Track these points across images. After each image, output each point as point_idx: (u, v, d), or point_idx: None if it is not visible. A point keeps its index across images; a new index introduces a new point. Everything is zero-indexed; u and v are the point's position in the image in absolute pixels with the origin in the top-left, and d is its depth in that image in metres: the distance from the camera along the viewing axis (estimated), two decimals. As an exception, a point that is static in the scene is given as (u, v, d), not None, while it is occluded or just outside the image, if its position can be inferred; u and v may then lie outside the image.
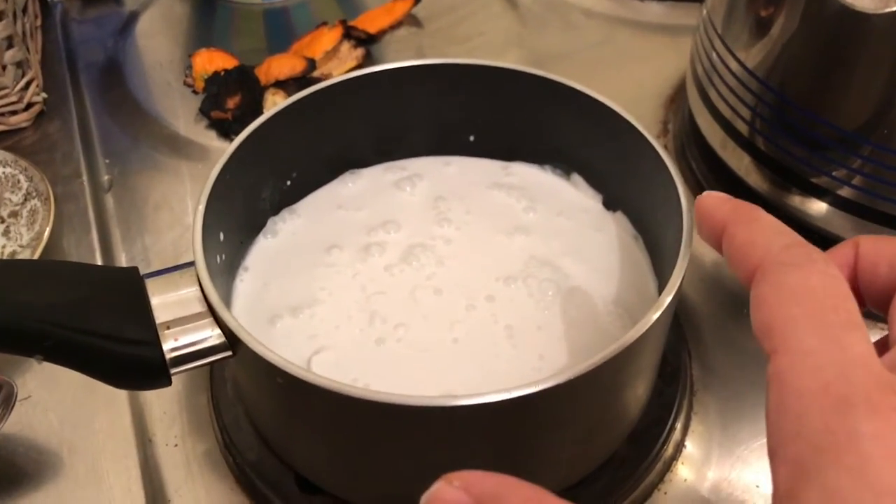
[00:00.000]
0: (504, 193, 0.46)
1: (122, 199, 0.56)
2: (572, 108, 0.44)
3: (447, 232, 0.44)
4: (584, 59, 0.66)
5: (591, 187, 0.46)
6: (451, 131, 0.48)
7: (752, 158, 0.49)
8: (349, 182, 0.47)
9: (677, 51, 0.65)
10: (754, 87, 0.48)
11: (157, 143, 0.60)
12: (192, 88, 0.63)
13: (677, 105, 0.61)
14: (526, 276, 0.42)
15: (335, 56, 0.63)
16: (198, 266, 0.34)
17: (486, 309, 0.40)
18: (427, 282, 0.42)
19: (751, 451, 0.43)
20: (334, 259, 0.43)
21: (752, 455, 0.42)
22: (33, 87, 0.61)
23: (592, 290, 0.41)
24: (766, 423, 0.20)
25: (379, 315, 0.40)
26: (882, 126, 0.43)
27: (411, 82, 0.45)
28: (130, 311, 0.33)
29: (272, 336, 0.39)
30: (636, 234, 0.43)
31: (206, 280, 0.34)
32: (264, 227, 0.44)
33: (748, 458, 0.42)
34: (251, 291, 0.42)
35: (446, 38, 0.68)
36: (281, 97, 0.59)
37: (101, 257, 0.52)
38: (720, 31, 0.50)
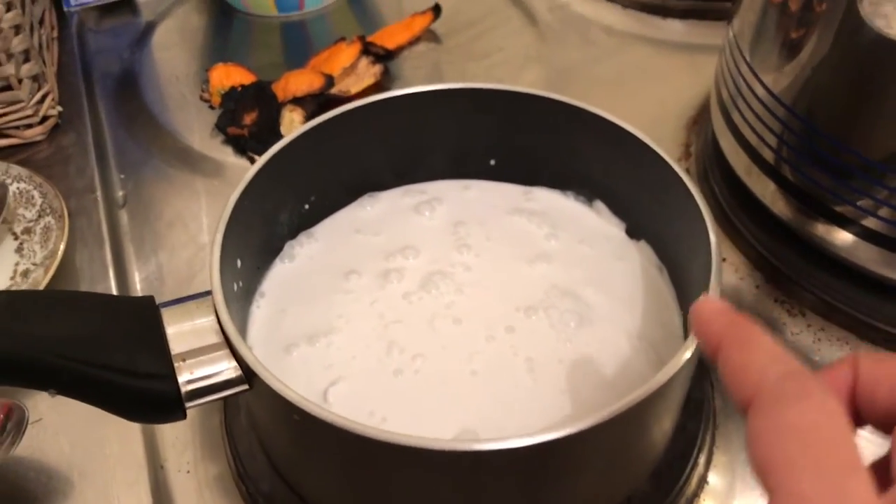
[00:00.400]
0: (525, 219, 0.45)
1: (136, 216, 0.56)
2: (595, 133, 0.43)
3: (467, 258, 0.43)
4: (604, 78, 0.65)
5: (614, 215, 0.45)
6: (472, 155, 0.47)
7: (777, 186, 0.48)
8: (367, 205, 0.46)
9: (699, 70, 0.65)
10: (781, 114, 0.47)
11: (171, 158, 0.60)
12: (208, 103, 0.62)
13: (700, 127, 0.60)
14: (547, 306, 0.41)
15: (353, 72, 0.63)
16: (215, 297, 0.34)
17: (506, 340, 0.39)
18: (446, 310, 0.41)
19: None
20: (352, 285, 0.42)
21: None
22: (49, 101, 0.60)
23: (616, 323, 0.40)
24: None
25: (397, 345, 0.39)
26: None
27: (431, 106, 0.44)
28: (146, 344, 0.33)
29: (288, 365, 0.39)
30: (660, 265, 0.42)
31: (223, 312, 0.33)
32: (281, 252, 0.44)
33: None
34: (267, 318, 0.41)
35: (465, 55, 0.67)
36: (298, 114, 0.59)
37: (115, 275, 0.51)
38: (747, 54, 0.49)
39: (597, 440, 0.31)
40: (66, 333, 0.31)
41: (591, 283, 0.42)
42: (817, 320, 0.48)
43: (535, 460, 0.31)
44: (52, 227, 0.51)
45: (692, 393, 0.43)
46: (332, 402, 0.37)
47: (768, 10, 0.47)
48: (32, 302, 0.32)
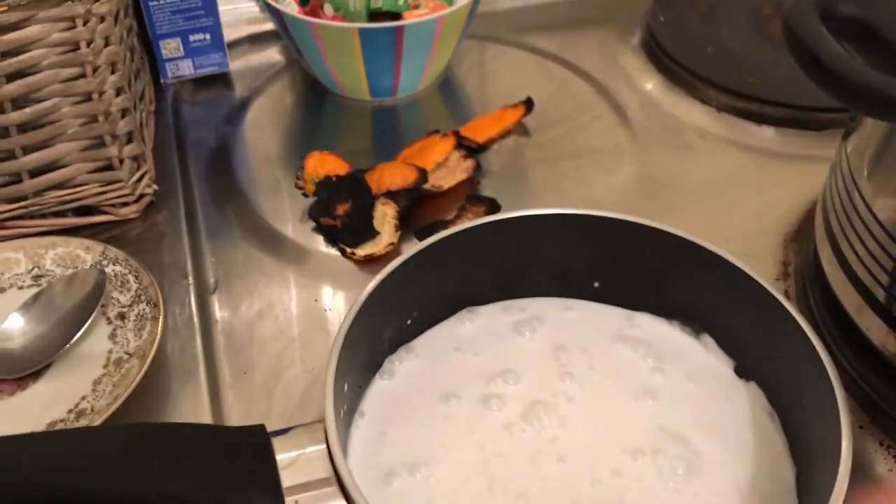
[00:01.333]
0: (629, 349, 0.44)
1: (227, 303, 0.56)
2: (703, 265, 0.42)
3: (569, 388, 0.42)
4: (697, 184, 0.64)
5: (722, 350, 0.44)
6: (574, 275, 0.46)
7: (889, 327, 0.47)
8: (467, 321, 0.46)
9: (796, 183, 0.63)
10: (890, 248, 0.45)
11: (262, 244, 0.60)
12: (302, 191, 0.63)
13: (799, 245, 0.59)
14: (654, 449, 0.39)
15: (445, 166, 0.63)
16: (329, 436, 0.34)
17: (613, 485, 0.38)
18: (549, 446, 0.40)
19: None
20: (452, 410, 0.41)
21: None
22: (146, 180, 0.61)
23: (726, 473, 0.39)
24: None
25: (498, 482, 0.38)
26: None
27: (534, 228, 0.44)
28: (262, 484, 0.32)
29: (388, 497, 0.38)
30: (772, 412, 0.41)
31: (337, 453, 0.33)
32: (381, 368, 0.43)
33: None
34: (367, 440, 0.40)
35: (556, 152, 0.67)
36: (391, 208, 0.58)
37: (205, 368, 0.51)
38: (861, 183, 0.48)
39: None
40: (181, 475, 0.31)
41: (699, 425, 0.41)
42: (925, 470, 0.46)
43: None
44: (147, 315, 0.51)
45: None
46: (434, 543, 0.36)
47: (890, 136, 0.45)
48: (156, 440, 0.31)
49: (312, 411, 0.48)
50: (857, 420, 0.49)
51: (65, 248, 0.55)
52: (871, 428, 0.48)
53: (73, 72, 0.53)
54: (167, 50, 0.72)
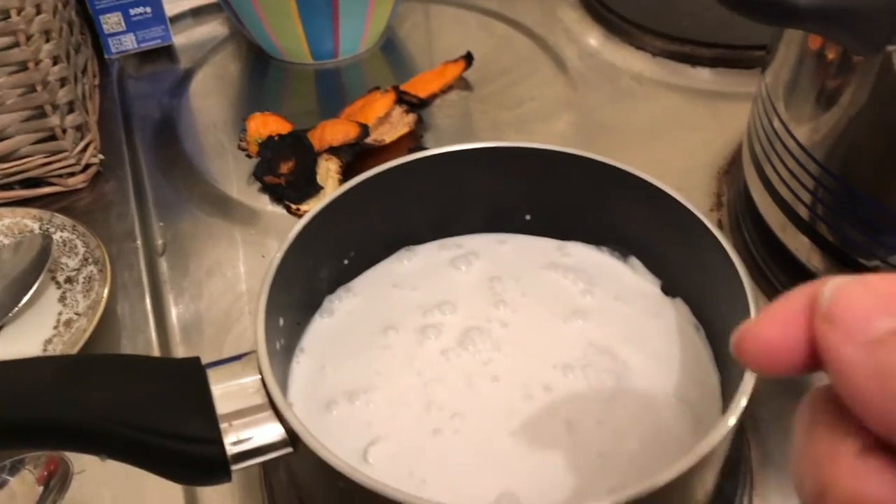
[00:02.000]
0: (560, 275, 0.46)
1: (176, 264, 0.57)
2: (628, 191, 0.43)
3: (503, 314, 0.44)
4: (635, 127, 0.66)
5: (649, 271, 0.45)
6: (507, 210, 0.47)
7: (812, 242, 0.49)
8: (404, 259, 0.47)
9: (730, 119, 0.65)
10: (814, 171, 0.47)
11: (209, 206, 0.61)
12: (245, 152, 0.63)
13: (731, 177, 0.60)
14: (584, 364, 0.41)
15: (387, 121, 0.64)
16: (260, 360, 0.34)
17: (545, 399, 0.40)
18: (484, 368, 0.41)
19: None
20: (390, 341, 0.43)
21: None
22: (91, 149, 0.62)
23: (653, 383, 0.40)
24: None
25: (435, 403, 0.40)
26: (951, 218, 0.42)
27: (467, 164, 0.45)
28: (193, 407, 0.33)
29: (328, 424, 0.39)
30: (697, 324, 0.43)
31: (268, 375, 0.34)
32: (321, 307, 0.44)
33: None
34: (307, 374, 0.42)
35: (496, 103, 0.68)
36: (334, 163, 0.59)
37: (155, 324, 0.52)
38: (780, 108, 0.50)
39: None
40: (116, 399, 0.31)
41: (627, 340, 0.42)
42: (854, 377, 0.48)
43: (578, 529, 0.31)
44: (95, 276, 0.52)
45: (729, 452, 0.43)
46: (373, 462, 0.37)
47: (804, 62, 0.47)
48: (85, 367, 0.32)
49: (261, 358, 0.49)
50: (788, 336, 0.51)
51: (12, 218, 0.56)
52: (801, 342, 0.50)
53: (5, 41, 0.53)
54: (108, 25, 0.73)
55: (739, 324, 0.36)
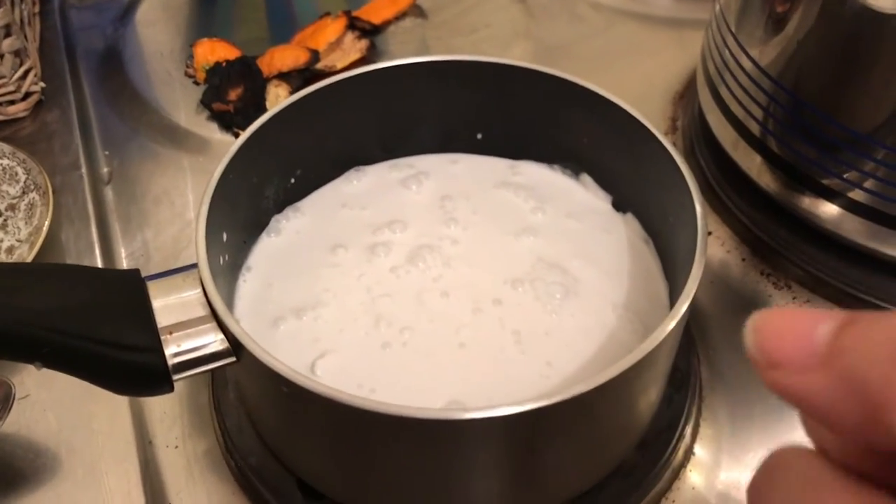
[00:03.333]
0: (511, 193, 0.45)
1: (122, 193, 0.55)
2: (582, 106, 0.43)
3: (454, 232, 0.43)
4: (591, 53, 0.65)
5: (600, 188, 0.45)
6: (459, 129, 0.47)
7: (763, 159, 0.49)
8: (354, 179, 0.46)
9: (686, 45, 0.65)
10: (767, 87, 0.47)
11: (157, 135, 0.59)
12: (193, 79, 0.62)
13: (686, 101, 0.60)
14: (533, 278, 0.41)
15: (339, 47, 0.62)
16: (201, 270, 0.34)
17: (493, 313, 0.39)
18: (433, 284, 0.41)
19: (760, 457, 0.42)
20: (339, 259, 0.42)
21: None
22: (31, 77, 0.59)
23: (602, 294, 0.40)
24: None
25: (384, 318, 0.39)
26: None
27: (417, 79, 0.44)
28: (132, 316, 0.32)
29: (275, 339, 0.39)
30: (647, 238, 0.43)
31: (209, 285, 0.33)
32: (268, 226, 0.43)
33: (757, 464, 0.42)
34: (254, 292, 0.41)
35: (452, 30, 0.67)
36: (284, 89, 0.58)
37: (101, 252, 0.51)
38: (733, 27, 0.49)
39: (583, 409, 0.31)
40: (51, 305, 0.31)
41: (577, 255, 0.42)
42: (803, 293, 0.48)
43: (522, 430, 0.31)
44: (37, 203, 0.50)
45: (678, 365, 0.43)
46: (320, 374, 0.37)
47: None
48: (17, 274, 0.31)
49: (210, 283, 0.48)
50: (740, 254, 0.51)
51: (-52, 146, 0.54)
52: (753, 260, 0.51)
53: (-67, -43, 0.51)
54: (47, -50, 0.70)
55: (688, 233, 0.36)
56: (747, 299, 0.49)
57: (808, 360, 0.17)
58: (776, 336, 0.17)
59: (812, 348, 0.17)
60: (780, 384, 0.17)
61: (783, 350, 0.17)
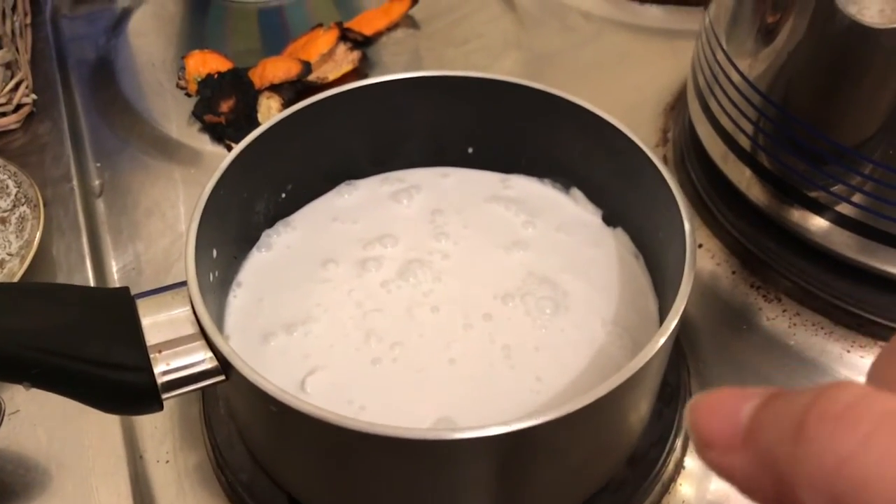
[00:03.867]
0: (502, 207, 0.45)
1: (114, 205, 0.55)
2: (572, 121, 0.43)
3: (445, 246, 0.43)
4: (583, 64, 0.65)
5: (590, 202, 0.45)
6: (450, 142, 0.47)
7: (753, 172, 0.49)
8: (345, 193, 0.46)
9: (677, 56, 0.65)
10: (756, 101, 0.47)
11: (148, 147, 0.59)
12: (185, 91, 0.62)
13: (677, 112, 0.60)
14: (524, 293, 0.41)
15: (331, 59, 0.62)
16: (190, 288, 0.34)
17: (484, 328, 0.39)
18: (424, 299, 0.41)
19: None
20: (330, 274, 0.42)
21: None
22: (22, 89, 0.59)
23: (592, 309, 0.40)
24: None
25: (375, 333, 0.39)
26: (885, 144, 0.42)
27: (409, 93, 0.44)
28: (121, 335, 0.32)
29: (265, 355, 0.39)
30: (637, 252, 0.43)
31: (198, 303, 0.33)
32: (258, 241, 0.43)
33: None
34: (244, 307, 0.41)
35: (444, 41, 0.67)
36: (276, 101, 0.58)
37: (92, 266, 0.51)
38: (723, 40, 0.49)
39: (573, 427, 0.31)
40: (39, 325, 0.31)
41: (567, 269, 0.42)
42: (793, 305, 0.48)
43: (512, 448, 0.31)
44: (28, 216, 0.50)
45: (668, 378, 0.43)
46: (311, 391, 0.37)
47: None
48: (5, 294, 0.31)
49: (201, 297, 0.48)
50: (730, 267, 0.51)
51: (-61, 159, 0.54)
52: (743, 272, 0.51)
53: (-77, -29, 0.51)
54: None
55: (677, 247, 0.37)
56: (737, 312, 0.49)
57: (732, 439, 0.17)
58: (708, 416, 0.18)
59: (735, 428, 0.17)
60: (712, 463, 0.18)
61: (712, 430, 0.18)
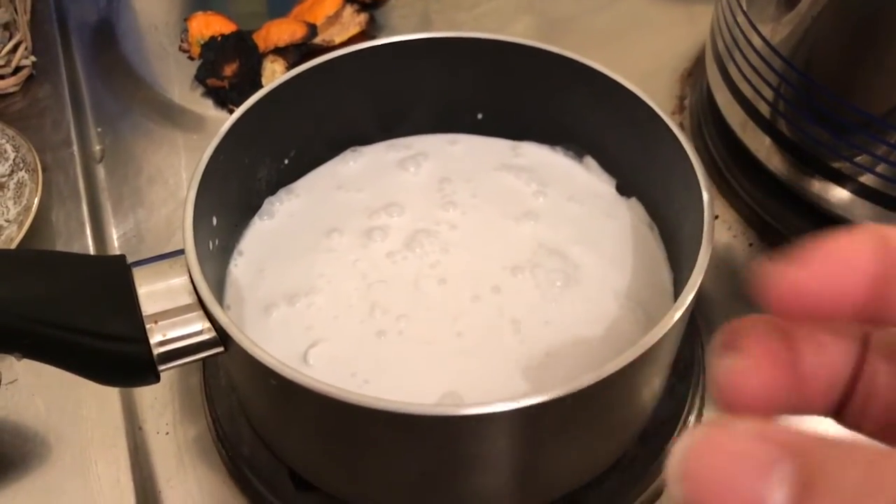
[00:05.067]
0: (513, 176, 0.44)
1: (115, 171, 0.54)
2: (586, 86, 0.41)
3: (452, 216, 0.42)
4: (597, 28, 0.63)
5: (604, 171, 0.44)
6: (459, 108, 0.45)
7: (773, 141, 0.47)
8: (350, 160, 0.45)
9: (694, 21, 0.63)
10: (778, 67, 0.45)
11: (150, 112, 0.58)
12: (187, 54, 0.60)
13: (694, 79, 0.58)
14: (534, 265, 0.39)
15: (337, 21, 0.60)
16: (188, 257, 0.32)
17: (492, 301, 0.38)
18: (431, 270, 0.40)
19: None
20: (334, 244, 0.41)
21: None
22: (21, 50, 0.58)
23: (604, 282, 0.39)
24: None
25: (380, 305, 0.38)
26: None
27: (417, 56, 0.42)
28: (116, 305, 0.31)
29: (267, 326, 0.38)
30: (651, 224, 0.41)
31: (196, 272, 0.32)
32: (260, 209, 0.42)
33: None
34: (245, 277, 0.40)
35: (453, 4, 0.65)
36: (280, 65, 0.57)
37: (92, 233, 0.50)
38: (744, 3, 0.47)
39: (584, 404, 0.30)
40: (30, 294, 0.29)
41: (579, 241, 0.41)
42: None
43: (521, 425, 0.30)
44: (26, 181, 0.49)
45: (681, 353, 0.42)
46: (313, 364, 0.36)
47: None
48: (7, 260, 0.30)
49: (203, 265, 0.47)
50: (746, 239, 0.50)
51: (-65, 122, 0.53)
52: (760, 245, 0.49)
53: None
54: (39, -81, 0.68)
55: (694, 217, 0.35)
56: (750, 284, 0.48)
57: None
58: (714, 495, 0.12)
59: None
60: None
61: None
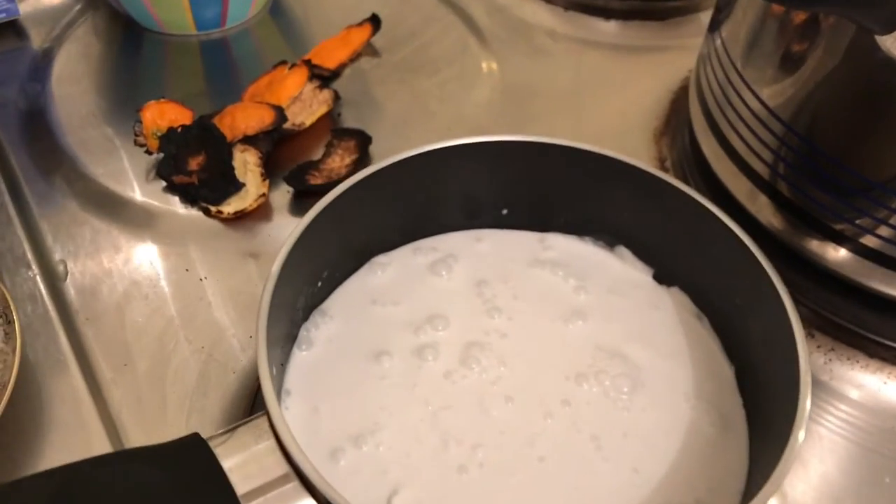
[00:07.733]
0: (549, 272, 0.43)
1: (84, 289, 0.49)
2: (623, 181, 0.41)
3: (500, 324, 0.40)
4: (559, 89, 0.63)
5: (638, 259, 0.43)
6: (484, 206, 0.44)
7: (768, 199, 0.48)
8: (378, 270, 0.42)
9: (652, 75, 0.64)
10: (777, 130, 0.46)
11: (109, 214, 0.52)
12: (144, 147, 0.55)
13: (670, 139, 0.59)
14: (596, 371, 0.39)
15: (299, 100, 0.57)
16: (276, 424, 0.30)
17: (565, 416, 0.37)
18: (494, 388, 0.38)
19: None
20: (385, 369, 0.38)
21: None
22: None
23: (668, 382, 0.39)
24: None
25: (451, 436, 0.36)
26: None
27: (445, 162, 0.41)
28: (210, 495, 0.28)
29: (338, 475, 0.35)
30: (699, 313, 0.41)
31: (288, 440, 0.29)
32: (297, 338, 0.39)
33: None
34: (301, 420, 0.37)
35: (413, 70, 0.63)
36: (252, 155, 0.53)
37: (78, 367, 0.45)
38: (738, 64, 0.48)
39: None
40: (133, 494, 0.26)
41: (632, 338, 0.40)
42: (826, 340, 0.48)
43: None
44: None
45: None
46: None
47: (766, 23, 0.46)
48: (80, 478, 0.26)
49: (217, 394, 0.43)
50: (753, 302, 0.51)
51: None
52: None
53: None
54: (-63, -1, 0.61)
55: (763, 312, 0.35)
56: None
57: None
58: None
59: None
60: None
61: None
